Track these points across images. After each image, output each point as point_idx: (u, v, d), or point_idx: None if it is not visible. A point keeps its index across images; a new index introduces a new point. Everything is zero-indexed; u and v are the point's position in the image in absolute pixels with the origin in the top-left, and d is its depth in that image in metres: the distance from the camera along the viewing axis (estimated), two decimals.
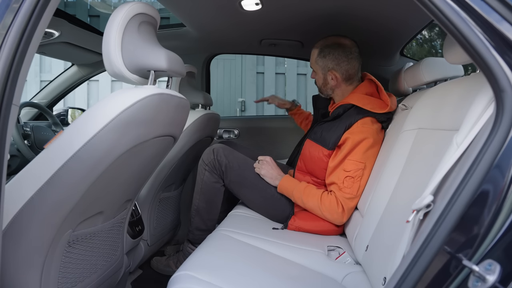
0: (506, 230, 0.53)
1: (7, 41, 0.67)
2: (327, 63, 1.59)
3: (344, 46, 1.57)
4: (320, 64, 1.61)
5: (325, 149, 1.51)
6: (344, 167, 1.43)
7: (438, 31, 4.20)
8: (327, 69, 1.60)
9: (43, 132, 1.92)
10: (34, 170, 0.83)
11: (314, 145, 1.56)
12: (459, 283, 0.54)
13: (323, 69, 1.61)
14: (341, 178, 1.42)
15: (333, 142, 1.48)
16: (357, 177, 1.41)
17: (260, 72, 4.89)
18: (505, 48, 0.59)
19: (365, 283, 1.07)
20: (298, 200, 1.51)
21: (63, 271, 0.93)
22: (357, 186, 1.41)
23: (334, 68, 1.58)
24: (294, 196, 1.51)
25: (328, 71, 1.59)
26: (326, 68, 1.60)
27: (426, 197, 0.67)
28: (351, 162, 1.42)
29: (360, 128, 1.44)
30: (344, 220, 1.43)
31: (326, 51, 1.58)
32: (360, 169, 1.41)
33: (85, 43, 1.99)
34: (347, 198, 1.41)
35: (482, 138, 0.60)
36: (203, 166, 1.64)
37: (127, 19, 0.93)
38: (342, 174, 1.42)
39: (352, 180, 1.41)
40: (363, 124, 1.45)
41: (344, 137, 1.45)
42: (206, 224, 1.68)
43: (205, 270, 0.96)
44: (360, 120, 1.45)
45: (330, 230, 1.50)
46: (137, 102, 0.85)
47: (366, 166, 1.42)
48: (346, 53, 1.57)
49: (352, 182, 1.41)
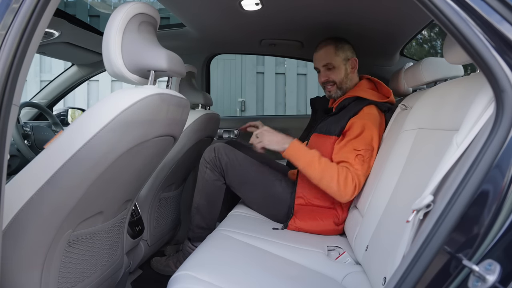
0: (506, 230, 0.53)
1: (7, 41, 0.67)
2: (347, 52, 1.67)
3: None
4: (341, 55, 1.66)
5: (332, 137, 1.53)
6: (354, 146, 1.43)
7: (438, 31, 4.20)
8: (347, 58, 1.67)
9: (43, 132, 1.92)
10: (34, 170, 0.83)
11: (321, 136, 1.58)
12: (459, 283, 0.54)
13: (344, 59, 1.66)
14: (351, 157, 1.41)
15: (340, 129, 1.52)
16: (366, 157, 1.43)
17: (260, 72, 4.89)
18: (505, 48, 0.59)
19: (365, 283, 1.07)
20: (307, 165, 1.41)
21: (63, 271, 0.93)
22: (366, 166, 1.42)
23: (353, 55, 1.68)
24: (306, 160, 1.42)
25: (349, 60, 1.67)
26: (347, 57, 1.67)
27: (426, 197, 0.67)
28: (361, 142, 1.43)
29: (366, 113, 1.49)
30: (353, 196, 1.41)
31: (341, 43, 1.67)
32: (369, 150, 1.44)
33: (85, 43, 1.99)
34: (360, 176, 1.40)
35: (482, 138, 0.60)
36: (204, 164, 1.64)
37: (127, 19, 0.93)
38: (352, 153, 1.42)
39: (363, 158, 1.42)
40: (369, 109, 1.51)
41: (350, 123, 1.49)
42: (206, 222, 1.68)
43: (205, 270, 0.95)
44: (365, 106, 1.51)
45: (330, 230, 1.50)
46: (137, 102, 0.85)
47: (374, 147, 1.45)
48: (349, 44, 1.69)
49: (362, 160, 1.42)
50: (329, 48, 1.66)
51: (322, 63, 1.68)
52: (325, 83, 1.70)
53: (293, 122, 2.29)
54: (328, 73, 1.67)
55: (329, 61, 1.66)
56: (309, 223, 1.49)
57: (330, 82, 1.68)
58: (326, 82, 1.69)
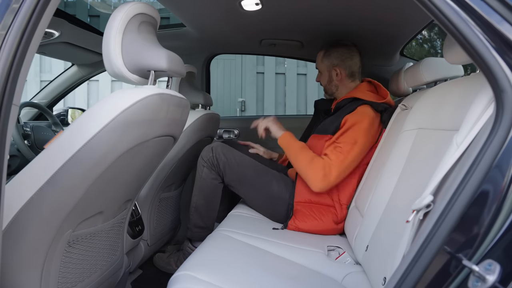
0: (506, 230, 0.53)
1: (7, 41, 0.67)
2: (332, 60, 1.71)
3: (347, 45, 1.72)
4: (325, 62, 1.73)
5: (327, 136, 1.58)
6: (337, 139, 1.52)
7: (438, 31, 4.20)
8: (331, 66, 1.72)
9: (43, 132, 1.92)
10: (34, 170, 0.83)
11: (318, 136, 1.64)
12: (459, 283, 0.54)
13: (328, 67, 1.73)
14: (331, 149, 1.51)
15: (335, 128, 1.56)
16: (345, 149, 1.47)
17: (260, 72, 4.89)
18: (505, 48, 0.59)
19: (365, 283, 1.07)
20: (291, 156, 1.57)
21: (63, 271, 0.93)
22: (342, 157, 1.46)
23: (339, 64, 1.71)
24: (290, 151, 1.58)
25: (333, 68, 1.71)
26: (331, 65, 1.72)
27: (426, 197, 0.67)
28: (344, 136, 1.51)
29: (359, 111, 1.53)
30: (321, 186, 1.47)
31: (331, 50, 1.72)
32: (350, 143, 1.48)
33: (85, 43, 1.99)
34: (332, 165, 1.46)
35: (482, 138, 0.60)
36: (202, 163, 1.65)
37: (127, 19, 0.93)
38: (333, 145, 1.51)
39: (340, 150, 1.48)
40: (363, 108, 1.54)
41: (343, 120, 1.53)
42: (204, 222, 1.68)
43: (205, 270, 0.95)
44: (360, 106, 1.54)
45: (330, 229, 1.50)
46: (137, 102, 0.85)
47: (357, 141, 1.48)
48: (349, 51, 1.71)
49: (339, 152, 1.48)
50: (320, 53, 1.76)
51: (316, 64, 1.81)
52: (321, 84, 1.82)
53: (293, 122, 2.28)
54: (318, 75, 1.80)
55: (317, 65, 1.79)
56: (309, 223, 1.50)
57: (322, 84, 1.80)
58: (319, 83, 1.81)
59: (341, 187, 1.54)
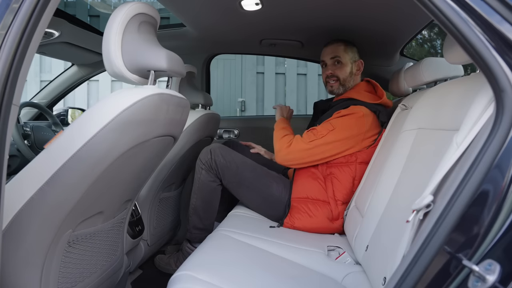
0: (506, 230, 0.53)
1: (7, 41, 0.67)
2: (355, 54, 1.73)
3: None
4: (350, 54, 1.72)
5: None
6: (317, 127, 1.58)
7: (438, 31, 4.20)
8: (354, 59, 1.72)
9: (43, 132, 1.91)
10: (34, 170, 0.83)
11: None
12: (459, 283, 0.54)
13: (352, 59, 1.72)
14: (307, 131, 1.59)
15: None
16: (318, 133, 1.53)
17: (260, 72, 4.89)
18: (505, 48, 0.59)
19: (365, 283, 1.07)
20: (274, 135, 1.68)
21: (63, 271, 0.93)
22: (312, 137, 1.53)
23: (359, 58, 1.74)
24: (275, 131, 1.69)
25: (356, 61, 1.72)
26: (354, 58, 1.72)
27: (426, 197, 0.67)
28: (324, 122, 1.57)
29: (351, 108, 1.56)
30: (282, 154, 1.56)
31: (350, 44, 1.73)
32: (327, 128, 1.53)
33: (85, 43, 1.99)
34: (300, 140, 1.54)
35: (482, 138, 0.60)
36: (200, 165, 1.65)
37: (127, 19, 0.93)
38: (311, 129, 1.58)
39: (315, 132, 1.54)
40: (354, 106, 1.56)
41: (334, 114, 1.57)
42: (203, 223, 1.68)
43: (205, 270, 0.95)
44: (352, 105, 1.57)
45: (325, 227, 1.52)
46: (137, 102, 0.85)
47: (335, 129, 1.51)
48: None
49: (312, 133, 1.55)
50: (340, 44, 1.72)
51: (330, 55, 1.72)
52: (329, 78, 1.73)
53: (293, 122, 2.27)
54: (334, 67, 1.72)
55: (338, 54, 1.71)
56: (303, 220, 1.51)
57: (334, 77, 1.71)
58: (330, 76, 1.72)
59: (336, 182, 1.55)
